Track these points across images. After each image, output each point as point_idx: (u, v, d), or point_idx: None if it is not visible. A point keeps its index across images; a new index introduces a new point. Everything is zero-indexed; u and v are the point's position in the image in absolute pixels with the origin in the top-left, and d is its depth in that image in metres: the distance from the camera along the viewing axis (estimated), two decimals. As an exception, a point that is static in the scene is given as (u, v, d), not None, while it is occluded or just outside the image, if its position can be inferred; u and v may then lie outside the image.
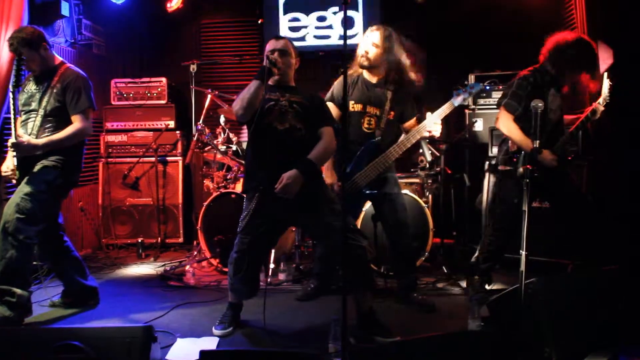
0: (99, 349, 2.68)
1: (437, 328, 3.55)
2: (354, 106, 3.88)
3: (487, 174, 4.90)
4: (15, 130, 3.55)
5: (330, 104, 3.87)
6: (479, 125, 5.40)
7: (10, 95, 3.57)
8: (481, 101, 5.41)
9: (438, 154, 5.10)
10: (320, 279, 4.26)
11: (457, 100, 3.86)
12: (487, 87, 5.36)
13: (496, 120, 3.91)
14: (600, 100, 3.82)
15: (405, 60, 3.89)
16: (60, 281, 4.06)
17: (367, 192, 3.86)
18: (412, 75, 3.90)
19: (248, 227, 3.37)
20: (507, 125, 3.79)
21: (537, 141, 3.03)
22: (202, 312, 3.79)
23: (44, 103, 3.70)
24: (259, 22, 6.69)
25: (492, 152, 5.02)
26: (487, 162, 4.89)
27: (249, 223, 3.36)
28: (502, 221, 3.94)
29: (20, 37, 3.63)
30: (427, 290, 4.32)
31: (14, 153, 3.55)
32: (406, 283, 3.99)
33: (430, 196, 5.14)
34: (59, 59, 3.87)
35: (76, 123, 3.71)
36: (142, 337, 2.70)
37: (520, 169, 2.99)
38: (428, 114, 3.83)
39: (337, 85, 3.97)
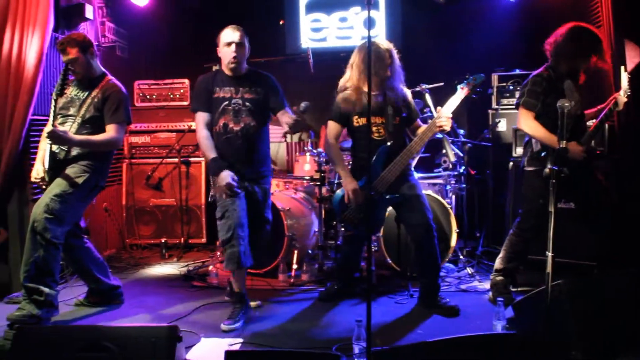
0: (124, 348, 2.72)
1: (461, 329, 3.53)
2: (358, 121, 3.90)
3: (511, 174, 4.86)
4: (55, 121, 3.63)
5: (330, 123, 3.96)
6: (502, 125, 5.37)
7: (52, 100, 3.69)
8: (504, 101, 5.37)
9: (461, 154, 5.07)
10: (341, 281, 4.26)
11: (462, 93, 3.83)
12: (511, 87, 5.32)
13: (518, 121, 3.88)
14: (622, 92, 3.78)
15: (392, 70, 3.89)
16: (84, 282, 4.11)
17: (388, 197, 3.85)
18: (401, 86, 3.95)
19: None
20: (529, 124, 3.76)
21: (564, 141, 3.00)
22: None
23: (82, 110, 3.78)
24: (281, 23, 6.72)
25: (516, 153, 4.98)
26: (511, 163, 4.85)
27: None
28: (527, 222, 3.91)
29: (72, 38, 3.77)
30: (451, 292, 4.30)
31: (49, 149, 3.62)
32: (430, 285, 3.96)
33: (453, 197, 5.11)
34: (102, 70, 3.96)
35: (111, 132, 3.79)
36: (168, 336, 2.73)
37: (547, 170, 2.95)
38: (438, 109, 3.81)
39: (339, 102, 3.95)
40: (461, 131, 5.21)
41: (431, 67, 5.74)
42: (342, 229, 4.70)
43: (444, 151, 4.69)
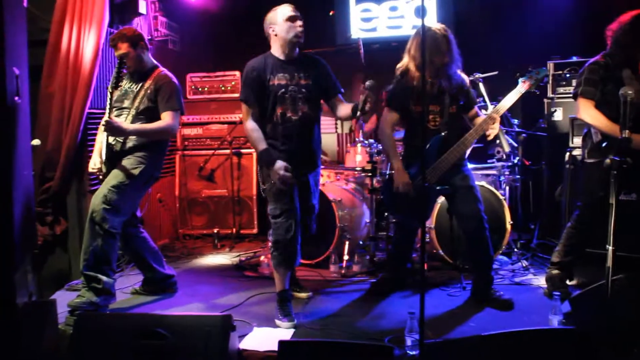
0: (179, 336, 2.77)
1: (516, 323, 3.46)
2: (414, 108, 3.83)
3: (568, 165, 4.72)
4: (111, 113, 3.71)
5: (386, 110, 3.89)
6: (558, 115, 5.21)
7: (108, 93, 3.75)
8: (560, 89, 5.21)
9: (516, 145, 4.96)
10: (393, 272, 4.24)
11: (522, 87, 3.73)
12: (567, 75, 5.16)
13: (577, 112, 3.76)
14: None
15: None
16: (140, 271, 4.21)
17: (438, 188, 3.79)
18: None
19: None
20: (590, 114, 3.64)
21: (627, 131, 2.89)
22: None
23: (136, 102, 3.86)
24: (330, 13, 6.69)
25: (572, 143, 4.83)
26: (568, 153, 4.72)
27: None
28: (585, 214, 3.79)
29: (122, 33, 3.85)
30: (504, 285, 4.22)
31: (106, 141, 3.71)
32: (482, 278, 3.90)
33: (507, 188, 5.01)
34: (154, 62, 4.03)
35: (166, 119, 3.84)
36: (222, 325, 2.76)
37: (608, 160, 2.84)
38: (491, 108, 3.72)
39: (396, 89, 3.89)
40: (515, 121, 5.09)
41: (485, 56, 5.60)
42: (392, 218, 4.67)
43: (497, 141, 4.60)
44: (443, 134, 3.77)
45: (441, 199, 4.35)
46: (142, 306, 3.96)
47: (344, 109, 3.70)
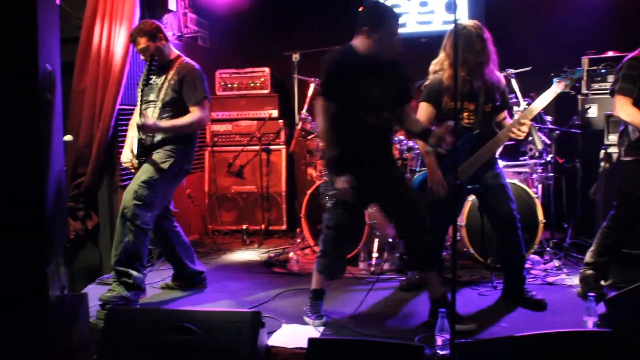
0: (208, 331, 2.78)
1: (549, 324, 3.40)
2: (449, 104, 3.74)
3: (603, 163, 4.62)
4: (141, 113, 3.75)
5: (423, 104, 3.80)
6: (592, 112, 5.09)
7: (139, 89, 3.81)
8: (595, 85, 5.09)
9: (548, 142, 4.86)
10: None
11: (557, 88, 3.65)
12: (603, 70, 5.05)
13: (613, 109, 3.67)
14: None
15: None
16: (170, 265, 4.24)
17: (469, 186, 3.74)
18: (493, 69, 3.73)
19: None
20: (627, 111, 3.55)
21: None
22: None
23: (161, 94, 3.88)
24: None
25: (607, 140, 4.72)
26: (603, 151, 4.61)
27: None
28: (621, 214, 3.70)
29: (139, 28, 3.87)
30: (537, 285, 4.15)
31: (137, 137, 3.75)
32: (514, 277, 3.84)
33: (539, 186, 4.92)
34: (175, 52, 4.04)
35: (195, 112, 3.86)
36: (251, 322, 2.77)
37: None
38: (523, 104, 3.64)
39: (432, 84, 3.82)
40: (548, 118, 4.99)
41: (517, 51, 5.51)
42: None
43: (530, 138, 4.51)
44: (475, 132, 3.72)
45: (472, 197, 4.29)
46: (171, 301, 3.99)
47: (415, 125, 3.53)
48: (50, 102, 2.71)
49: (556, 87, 3.64)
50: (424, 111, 3.79)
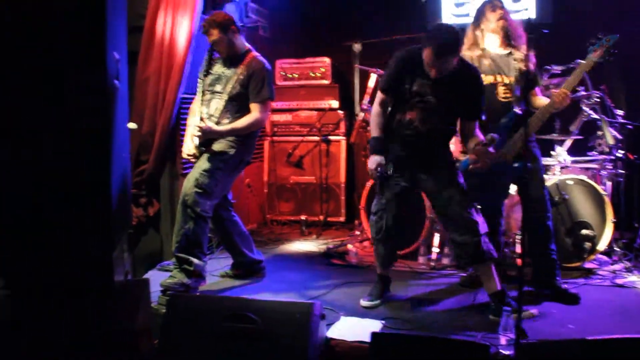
0: (268, 321, 2.79)
1: (617, 329, 3.23)
2: (484, 79, 3.65)
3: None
4: (202, 114, 3.81)
5: None
6: (669, 104, 4.86)
7: (199, 80, 3.86)
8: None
9: (619, 137, 4.66)
10: None
11: (593, 57, 3.48)
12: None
13: None
14: None
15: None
16: (229, 254, 4.28)
17: (516, 165, 3.61)
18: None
19: None
20: None
21: None
22: (365, 291, 3.78)
23: (229, 88, 3.90)
24: (423, 1, 6.52)
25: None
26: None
27: None
28: None
29: (212, 19, 3.89)
30: (605, 287, 4.00)
31: (197, 133, 3.77)
32: (543, 260, 3.74)
33: (609, 183, 4.72)
34: (246, 45, 4.05)
35: (254, 112, 3.88)
36: (311, 313, 2.77)
37: None
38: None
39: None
40: (619, 112, 4.78)
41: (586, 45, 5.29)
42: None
43: (599, 133, 4.35)
44: (516, 109, 3.63)
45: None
46: (231, 290, 4.03)
47: (471, 141, 3.46)
48: (118, 88, 2.77)
49: (592, 57, 3.50)
50: None
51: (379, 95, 3.59)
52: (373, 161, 3.49)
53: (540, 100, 3.75)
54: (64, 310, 2.66)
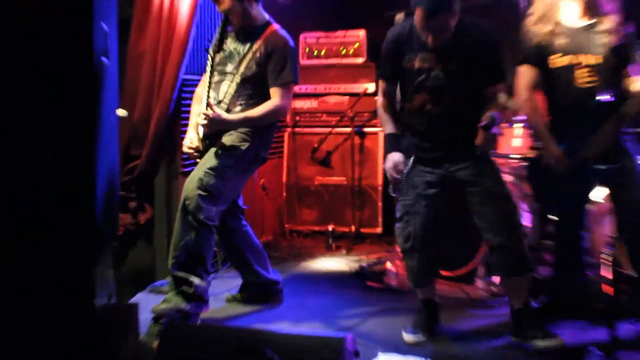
0: (287, 358, 2.74)
1: None
2: (557, 61, 3.63)
3: None
4: (208, 99, 3.76)
5: (522, 69, 3.73)
6: None
7: (209, 58, 3.82)
8: None
9: None
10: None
11: None
12: None
13: None
14: None
15: None
16: (238, 272, 4.27)
17: (604, 167, 3.51)
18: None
19: None
20: None
21: None
22: (407, 322, 3.74)
23: (242, 67, 3.88)
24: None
25: None
26: None
27: None
28: None
29: None
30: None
31: (202, 122, 3.74)
32: None
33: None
34: (265, 17, 4.01)
35: (275, 99, 3.85)
36: (342, 349, 2.70)
37: None
38: None
39: (530, 39, 3.72)
40: None
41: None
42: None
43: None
44: (600, 97, 3.53)
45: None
46: (240, 317, 4.02)
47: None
48: (105, 67, 2.74)
49: None
50: (524, 75, 3.74)
51: (380, 85, 3.70)
52: (390, 160, 3.50)
53: (637, 82, 3.63)
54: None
